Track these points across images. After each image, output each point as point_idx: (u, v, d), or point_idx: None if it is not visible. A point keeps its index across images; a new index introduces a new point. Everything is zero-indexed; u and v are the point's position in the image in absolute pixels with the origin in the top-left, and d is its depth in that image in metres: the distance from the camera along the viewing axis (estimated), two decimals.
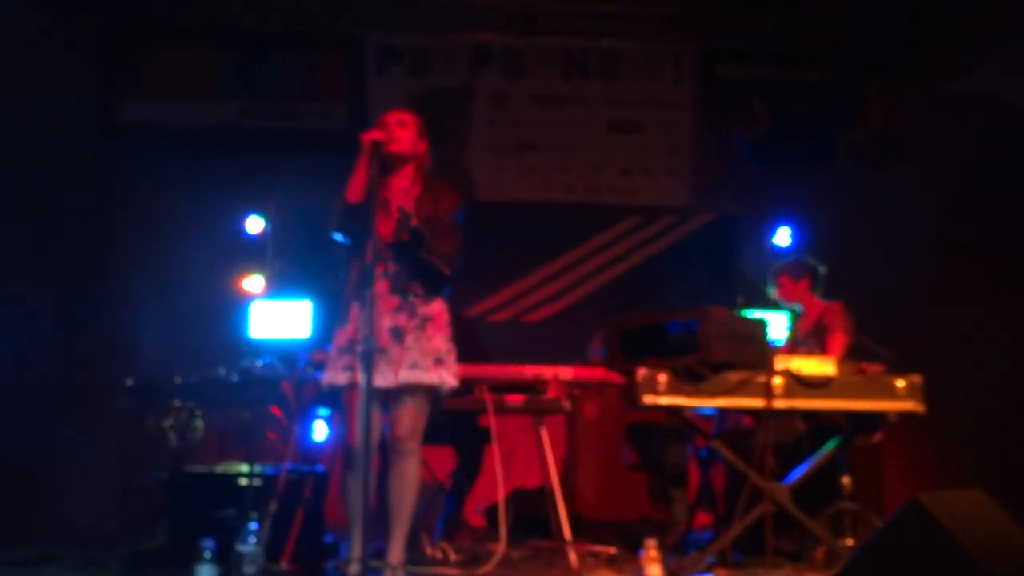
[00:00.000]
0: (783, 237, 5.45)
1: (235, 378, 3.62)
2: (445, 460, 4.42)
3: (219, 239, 5.37)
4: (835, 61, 5.66)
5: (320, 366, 3.90)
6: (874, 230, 5.40)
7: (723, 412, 3.96)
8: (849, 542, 3.78)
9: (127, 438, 4.07)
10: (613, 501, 4.95)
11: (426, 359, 3.07)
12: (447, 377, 3.12)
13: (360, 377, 2.94)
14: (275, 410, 3.87)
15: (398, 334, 3.07)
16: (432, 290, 3.14)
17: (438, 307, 3.15)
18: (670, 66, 5.70)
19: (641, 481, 4.78)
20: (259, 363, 3.92)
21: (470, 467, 4.41)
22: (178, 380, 3.69)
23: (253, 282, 5.38)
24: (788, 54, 5.68)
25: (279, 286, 5.38)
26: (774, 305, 4.70)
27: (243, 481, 3.71)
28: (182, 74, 5.56)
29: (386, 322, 3.07)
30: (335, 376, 3.09)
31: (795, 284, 4.41)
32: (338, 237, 3.16)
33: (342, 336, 3.12)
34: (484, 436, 4.36)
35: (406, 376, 3.04)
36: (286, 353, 4.20)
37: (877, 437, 4.10)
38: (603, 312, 5.49)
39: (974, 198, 5.17)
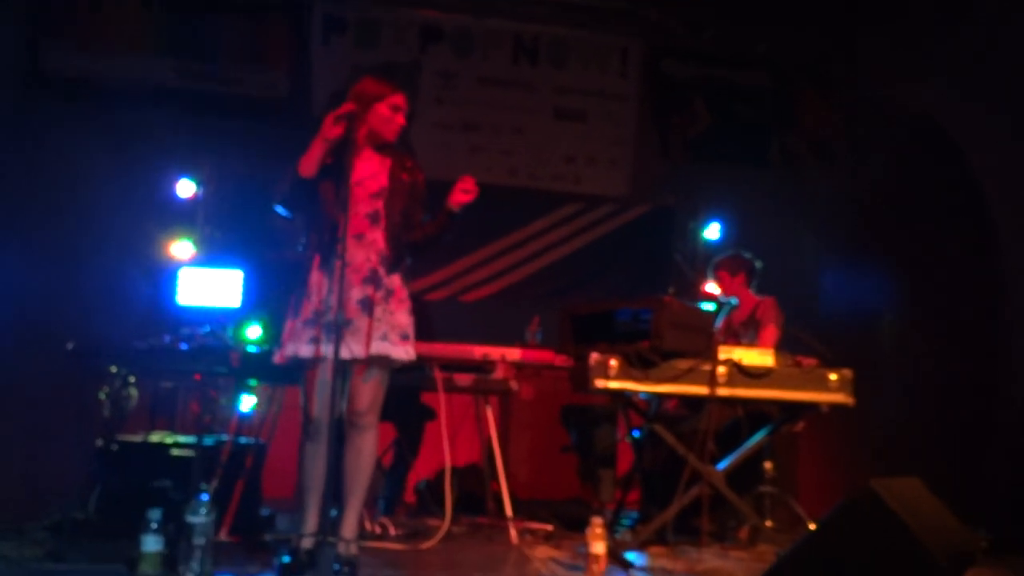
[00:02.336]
0: (713, 231, 5.63)
1: (184, 347, 3.49)
2: (384, 436, 4.40)
3: (148, 202, 5.16)
4: (772, 66, 5.84)
5: (265, 339, 3.86)
6: (800, 230, 5.61)
7: (660, 397, 4.08)
8: (769, 523, 3.97)
9: (54, 405, 3.88)
10: (544, 481, 5.04)
11: (393, 333, 3.04)
12: (412, 352, 3.11)
13: (324, 350, 2.91)
14: (197, 377, 3.77)
15: (367, 305, 3.02)
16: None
17: (398, 281, 3.12)
18: (617, 58, 5.79)
19: (570, 462, 4.90)
20: (201, 332, 3.81)
21: (411, 444, 4.41)
22: (119, 346, 3.54)
23: (182, 248, 5.18)
24: (728, 56, 5.83)
25: (209, 253, 5.20)
26: (703, 296, 4.86)
27: (177, 452, 3.61)
28: (117, 27, 5.28)
29: (355, 293, 3.02)
30: (299, 348, 3.02)
31: (732, 278, 4.58)
32: (280, 209, 3.13)
33: (307, 307, 3.04)
34: (425, 414, 4.40)
35: (377, 348, 3.00)
36: (216, 322, 4.10)
37: (800, 426, 4.31)
38: (539, 296, 5.56)
39: (895, 205, 5.43)
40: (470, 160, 5.62)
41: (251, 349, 3.62)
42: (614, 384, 3.49)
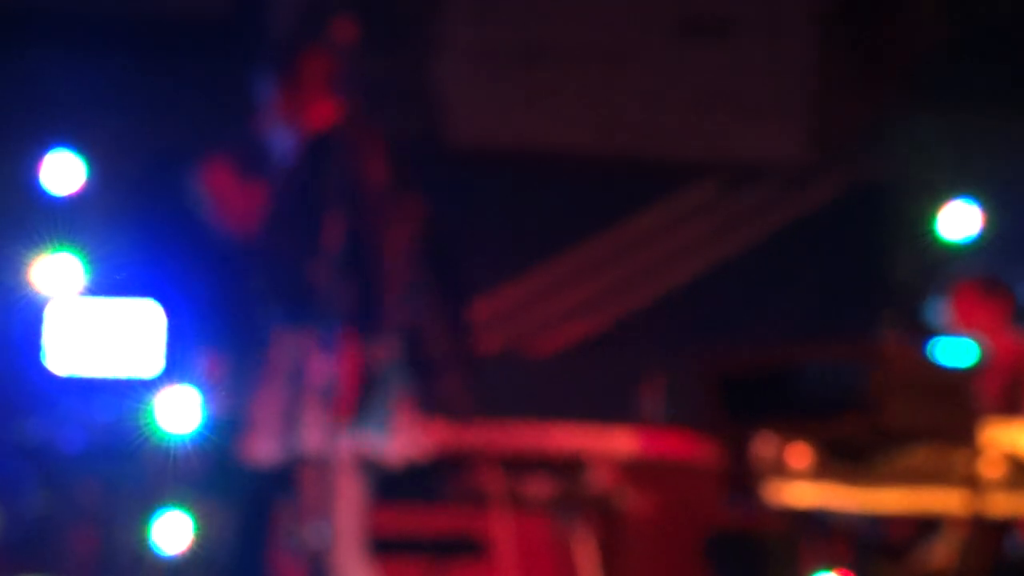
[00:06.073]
0: (960, 221, 5.57)
1: (70, 438, 3.58)
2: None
3: (10, 194, 5.30)
4: None
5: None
6: None
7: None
8: None
9: None
10: None
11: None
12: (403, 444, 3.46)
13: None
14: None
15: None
16: None
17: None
18: None
19: None
20: (96, 410, 3.90)
21: None
22: None
23: (63, 267, 5.25)
24: None
25: (108, 277, 5.28)
26: (939, 333, 4.82)
27: None
28: None
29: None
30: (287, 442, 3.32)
31: (981, 304, 4.63)
32: None
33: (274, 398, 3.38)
34: (461, 544, 4.41)
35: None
36: (122, 392, 4.18)
37: None
38: (656, 341, 5.59)
39: None
40: (532, 113, 5.71)
41: (179, 438, 3.68)
42: (803, 490, 3.53)
